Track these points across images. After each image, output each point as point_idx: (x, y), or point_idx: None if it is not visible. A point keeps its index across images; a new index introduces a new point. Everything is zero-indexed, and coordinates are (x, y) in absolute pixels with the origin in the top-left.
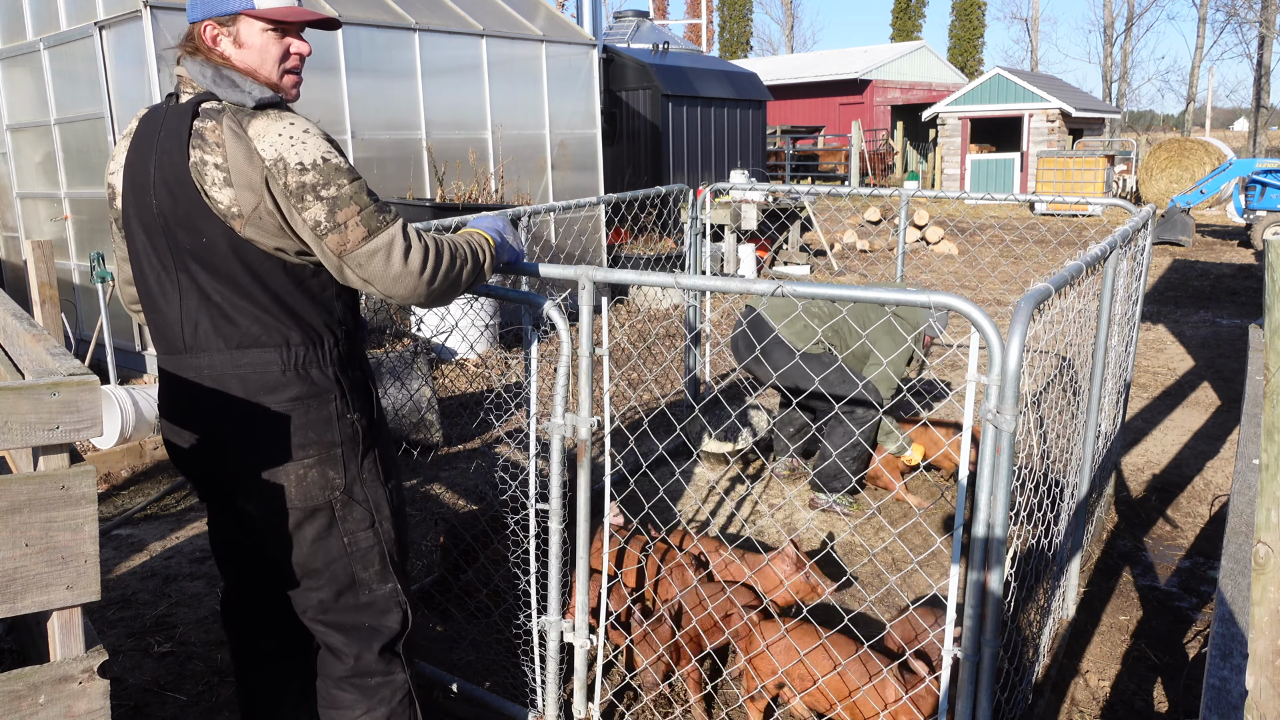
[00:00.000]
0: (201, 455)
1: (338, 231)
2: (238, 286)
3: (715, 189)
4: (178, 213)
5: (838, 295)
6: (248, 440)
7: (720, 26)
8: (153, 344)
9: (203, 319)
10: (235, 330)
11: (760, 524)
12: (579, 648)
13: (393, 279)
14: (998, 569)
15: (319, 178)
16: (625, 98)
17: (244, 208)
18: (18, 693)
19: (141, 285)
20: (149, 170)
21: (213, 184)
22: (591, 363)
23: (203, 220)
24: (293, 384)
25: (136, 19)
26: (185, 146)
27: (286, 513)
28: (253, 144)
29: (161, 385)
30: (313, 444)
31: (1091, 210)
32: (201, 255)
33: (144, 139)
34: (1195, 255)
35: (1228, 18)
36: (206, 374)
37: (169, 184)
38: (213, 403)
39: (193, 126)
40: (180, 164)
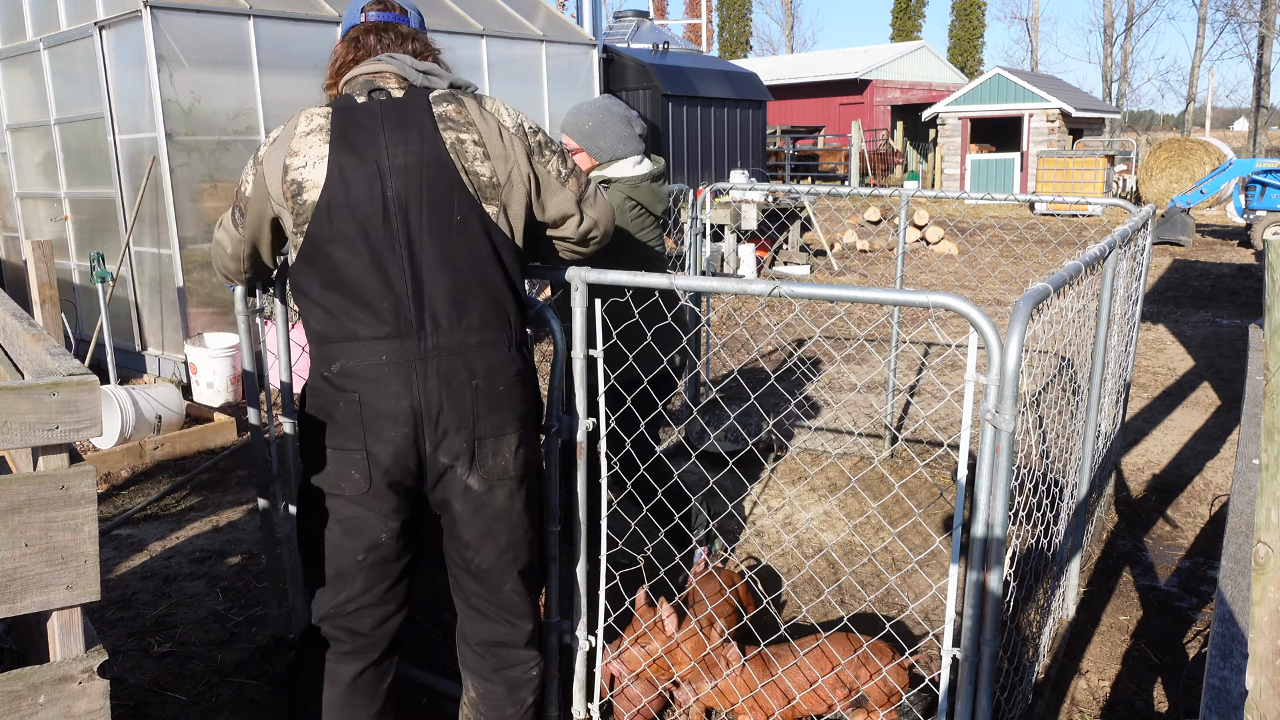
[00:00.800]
0: (422, 437)
1: (575, 177)
2: (478, 267)
3: (715, 189)
4: (429, 195)
5: (838, 296)
6: (480, 415)
7: (720, 26)
8: (355, 333)
9: (433, 300)
10: (470, 310)
11: (761, 524)
12: (578, 649)
13: (606, 210)
14: (997, 569)
15: (544, 138)
16: (625, 98)
17: (502, 176)
18: (18, 693)
19: (347, 270)
20: (377, 161)
21: (474, 159)
22: (586, 364)
23: (460, 200)
24: (515, 361)
25: (136, 19)
26: (436, 131)
27: (505, 482)
28: (497, 116)
29: (365, 377)
30: (528, 416)
31: (1091, 210)
32: (451, 235)
33: (356, 132)
34: (1195, 255)
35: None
36: (436, 354)
37: (417, 167)
38: (446, 382)
39: (435, 112)
40: (434, 147)
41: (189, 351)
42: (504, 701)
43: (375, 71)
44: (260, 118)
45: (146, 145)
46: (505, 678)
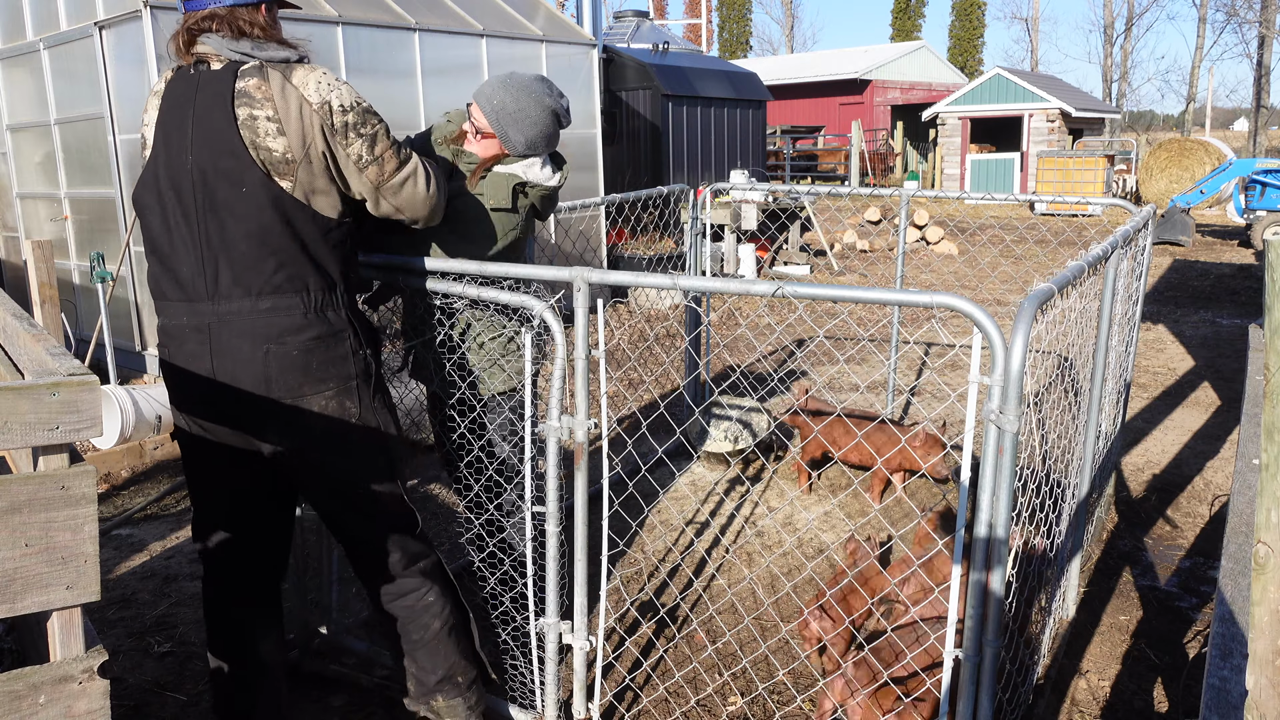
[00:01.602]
0: (225, 397)
1: (376, 164)
2: (267, 235)
3: (715, 189)
4: (219, 166)
5: (840, 296)
6: (274, 378)
7: (720, 26)
8: (165, 293)
9: (224, 269)
10: (258, 278)
11: (761, 525)
12: (578, 649)
13: (420, 202)
14: (999, 569)
15: (357, 118)
16: (625, 98)
17: (296, 152)
18: (18, 693)
19: (160, 238)
20: (185, 129)
21: (266, 134)
22: (587, 364)
23: (246, 171)
24: (313, 325)
25: (136, 19)
26: (230, 105)
27: (312, 440)
28: (300, 91)
29: (173, 333)
30: (332, 377)
31: (1091, 210)
32: (237, 206)
33: (178, 100)
34: (1195, 255)
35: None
36: (230, 320)
37: (211, 140)
38: (238, 346)
39: (235, 88)
40: (225, 122)
41: None
42: (408, 627)
43: (201, 53)
44: None
45: None
46: (400, 607)
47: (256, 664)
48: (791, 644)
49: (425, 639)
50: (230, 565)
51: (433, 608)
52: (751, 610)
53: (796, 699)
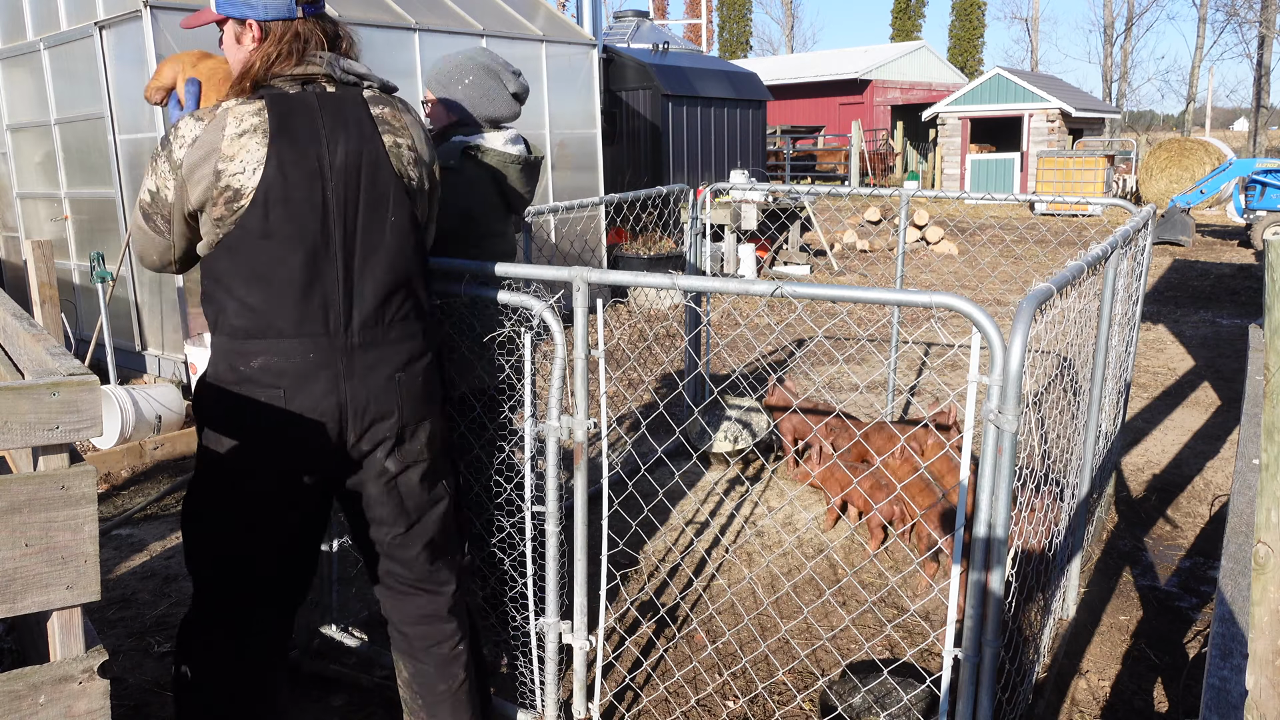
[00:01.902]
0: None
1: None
2: (404, 266)
3: (715, 189)
4: (366, 197)
5: (840, 296)
6: (404, 405)
7: (720, 26)
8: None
9: (361, 297)
10: (393, 306)
11: (761, 525)
12: (578, 649)
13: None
14: (999, 569)
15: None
16: (625, 98)
17: (426, 181)
18: (18, 693)
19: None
20: (320, 155)
21: (408, 163)
22: (587, 364)
23: (396, 203)
24: (428, 351)
25: (136, 19)
26: (376, 132)
27: (419, 464)
28: (421, 124)
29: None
30: (438, 401)
31: (1091, 210)
32: (382, 237)
33: (296, 124)
34: (1195, 255)
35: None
36: (362, 349)
37: (359, 168)
38: (369, 376)
39: (372, 113)
40: (374, 147)
41: (189, 351)
42: (434, 680)
43: (307, 72)
44: None
45: (146, 145)
46: (434, 655)
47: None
48: (791, 643)
49: (452, 690)
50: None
51: (462, 657)
52: (751, 610)
53: (796, 698)
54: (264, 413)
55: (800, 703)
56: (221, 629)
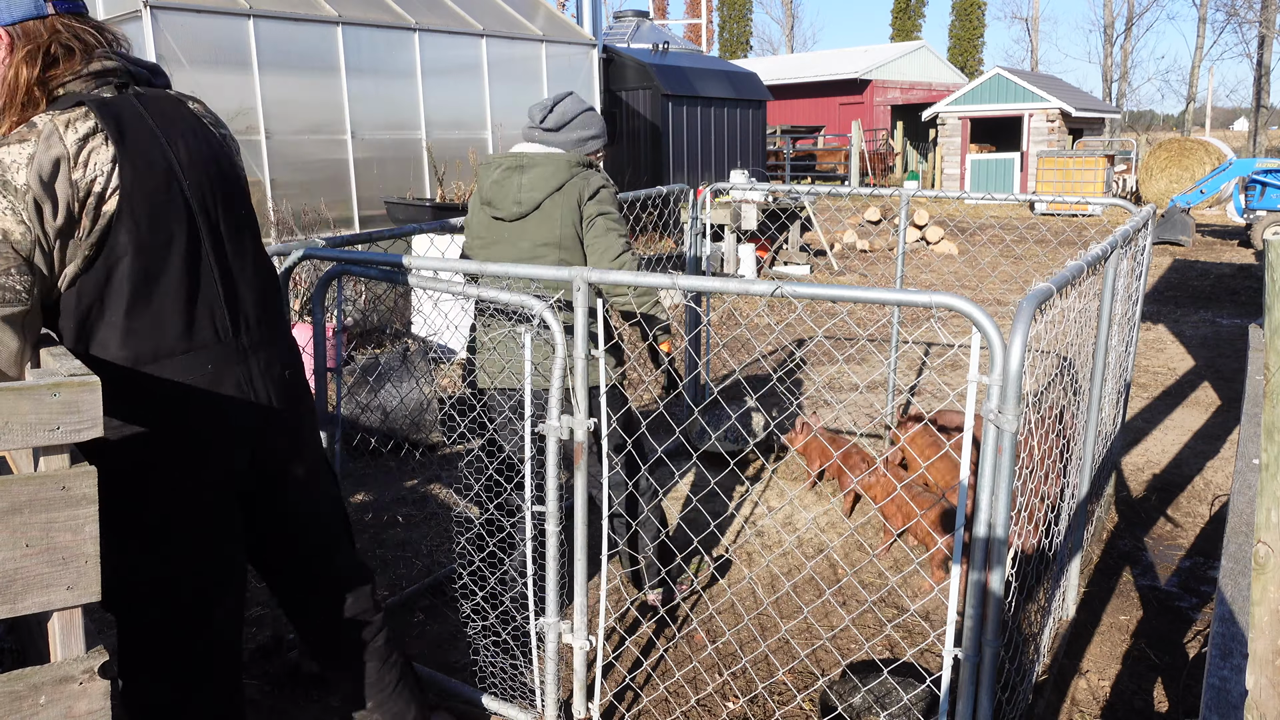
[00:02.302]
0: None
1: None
2: (264, 262)
3: (715, 189)
4: (222, 191)
5: (840, 296)
6: (294, 402)
7: (720, 26)
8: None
9: (247, 299)
10: (269, 305)
11: (761, 525)
12: (578, 649)
13: None
14: (999, 569)
15: None
16: (625, 98)
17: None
18: (18, 693)
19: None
20: (166, 156)
21: (236, 154)
22: (587, 364)
23: (240, 196)
24: (296, 349)
25: (136, 19)
26: (205, 126)
27: (320, 469)
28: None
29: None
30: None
31: (1091, 210)
32: (242, 234)
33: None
34: (1195, 255)
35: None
36: (261, 349)
37: (204, 164)
38: (272, 374)
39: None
40: (211, 142)
41: None
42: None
43: (104, 67)
44: (260, 117)
45: None
46: (374, 650)
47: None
48: (791, 643)
49: (396, 679)
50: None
51: (393, 641)
52: (751, 610)
53: (796, 698)
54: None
55: (800, 703)
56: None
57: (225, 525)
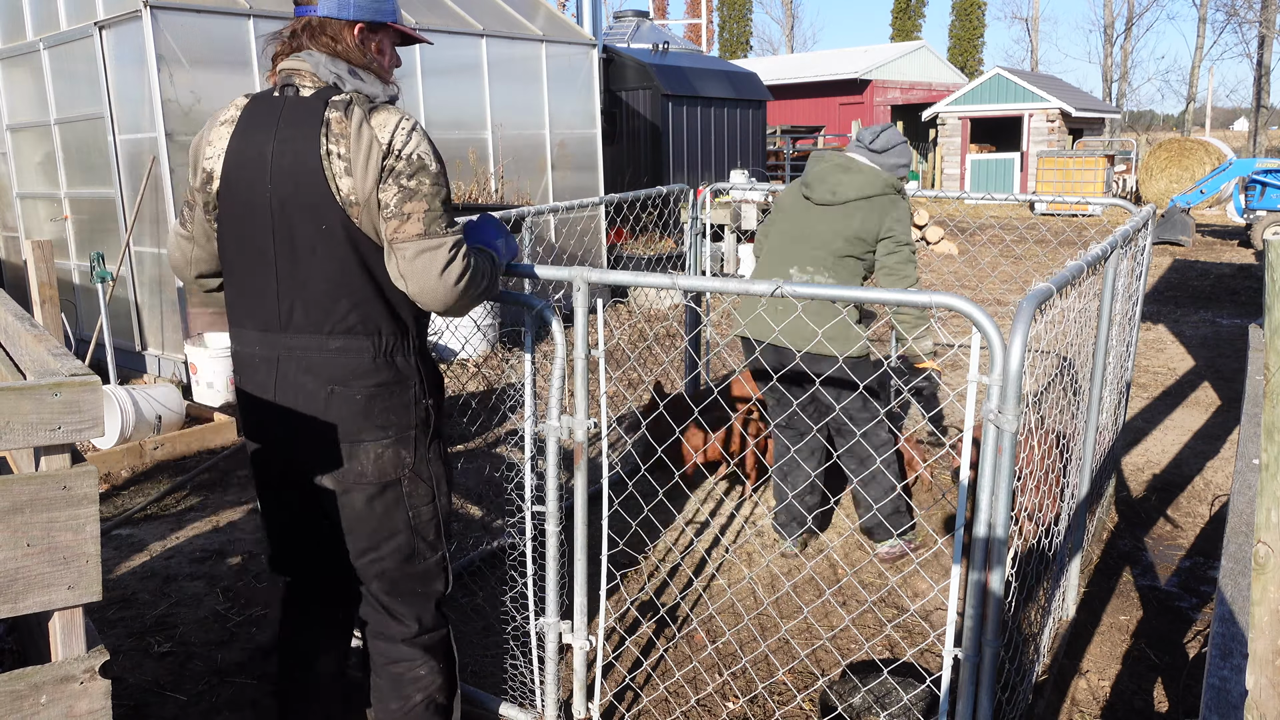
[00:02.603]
0: (285, 429)
1: (398, 219)
2: (344, 275)
3: (715, 189)
4: (299, 199)
5: (840, 295)
6: (334, 420)
7: (720, 26)
8: (240, 320)
9: (299, 303)
10: (330, 317)
11: (761, 525)
12: (578, 649)
13: (426, 282)
14: (999, 569)
15: (407, 167)
16: (625, 98)
17: (360, 194)
18: (19, 693)
19: (237, 264)
20: (265, 158)
21: (337, 174)
22: (587, 364)
23: (326, 208)
24: (381, 370)
25: (136, 19)
26: (318, 137)
27: (363, 486)
28: (375, 132)
29: (245, 360)
30: (392, 426)
31: (1091, 210)
32: (315, 243)
33: (256, 126)
34: (1195, 255)
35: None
36: (299, 355)
37: (294, 172)
38: (303, 382)
39: (325, 118)
40: (311, 154)
41: (189, 351)
42: (387, 695)
43: (293, 69)
44: None
45: (146, 145)
46: (388, 672)
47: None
48: (791, 643)
49: (403, 709)
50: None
51: (420, 681)
52: (751, 610)
53: (796, 698)
54: (237, 394)
55: (800, 703)
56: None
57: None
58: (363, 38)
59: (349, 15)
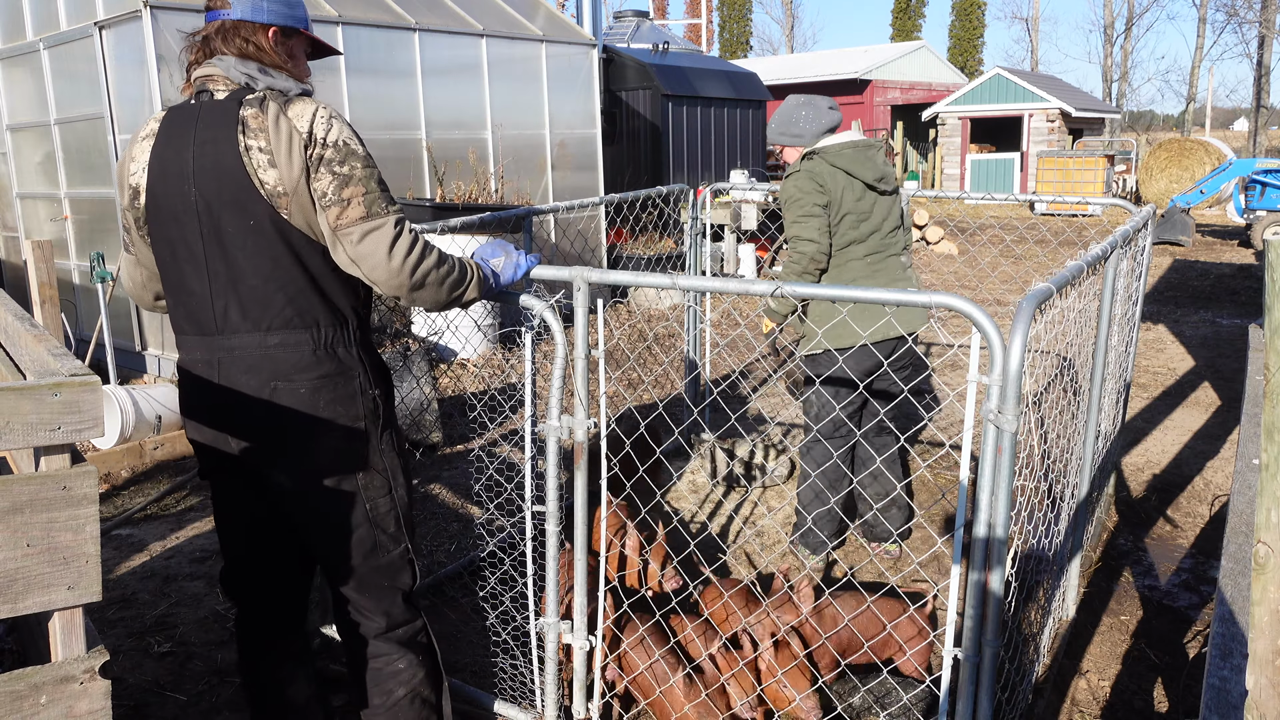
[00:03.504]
0: (232, 432)
1: (338, 205)
2: (276, 269)
3: (715, 189)
4: (224, 197)
5: (840, 296)
6: (281, 416)
7: (720, 26)
8: (181, 328)
9: (233, 303)
10: (267, 313)
11: (761, 525)
12: (578, 649)
13: (377, 262)
14: (999, 569)
15: (336, 154)
16: (625, 98)
17: (287, 185)
18: (19, 693)
19: (171, 272)
20: (185, 161)
21: (259, 167)
22: (587, 364)
23: (252, 203)
24: (322, 363)
25: (136, 19)
26: (235, 134)
27: (316, 482)
28: (293, 123)
29: (187, 367)
30: (340, 418)
31: (1091, 210)
32: (245, 239)
33: (175, 134)
34: (1195, 255)
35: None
36: (239, 354)
37: (216, 171)
38: (245, 381)
39: (239, 115)
40: (230, 151)
41: None
42: (370, 691)
43: (206, 75)
44: None
45: None
46: (369, 668)
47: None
48: None
49: (386, 705)
50: (254, 602)
51: (400, 675)
52: None
53: (796, 698)
54: (182, 405)
55: (800, 702)
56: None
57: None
58: (276, 41)
59: (263, 19)
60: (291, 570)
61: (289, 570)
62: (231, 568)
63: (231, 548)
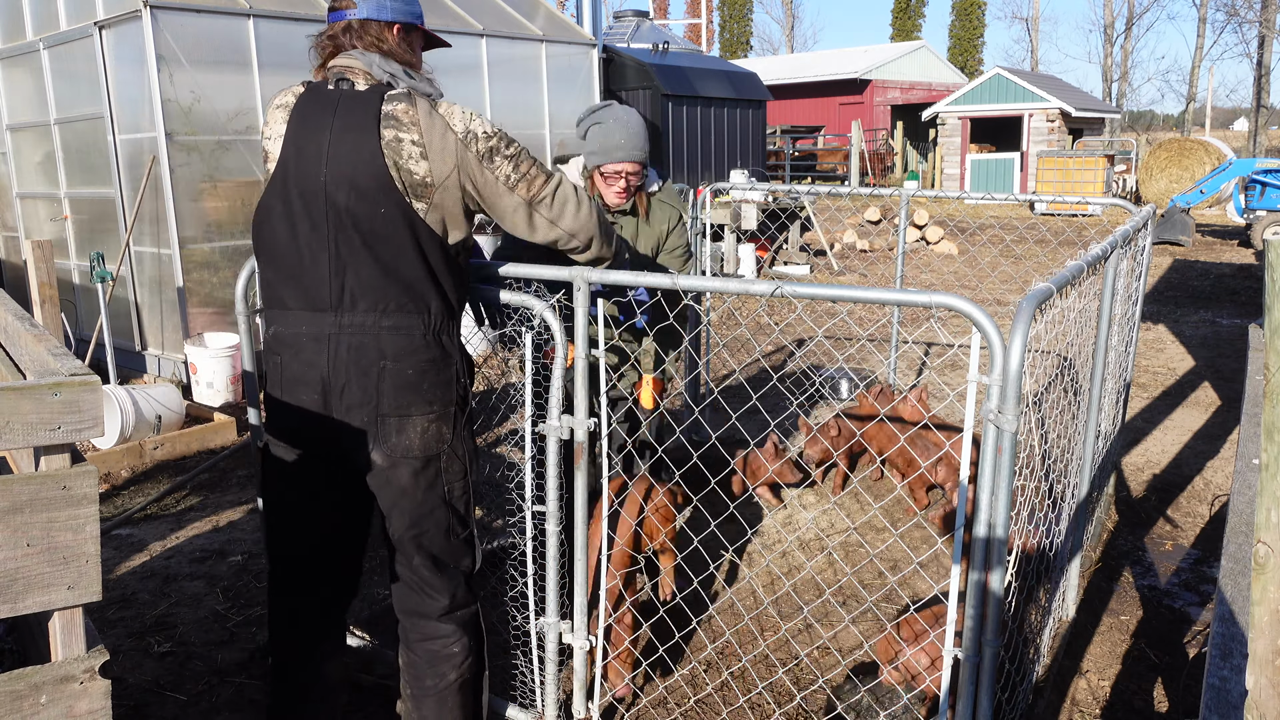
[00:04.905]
0: (329, 408)
1: (525, 181)
2: (399, 257)
3: (715, 189)
4: (358, 184)
5: (840, 296)
6: (385, 394)
7: (720, 26)
8: (284, 302)
9: (353, 283)
10: (385, 296)
11: (761, 525)
12: (578, 648)
13: (575, 212)
14: (999, 569)
15: (499, 143)
16: (625, 98)
17: (437, 177)
18: (19, 693)
19: (286, 246)
20: (321, 143)
21: (409, 158)
22: (587, 364)
23: (385, 193)
24: (430, 348)
25: (136, 19)
26: (375, 126)
27: (409, 460)
28: (447, 120)
29: (288, 341)
30: (436, 401)
31: (1091, 210)
32: (372, 226)
33: (311, 115)
34: (1195, 255)
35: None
36: (352, 333)
37: (353, 159)
38: (355, 359)
39: (382, 110)
40: (369, 142)
41: (189, 351)
42: (423, 672)
43: (346, 66)
44: (260, 118)
45: (146, 145)
46: (424, 649)
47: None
48: (792, 643)
49: (438, 687)
50: (305, 583)
51: (455, 658)
52: (751, 610)
53: (796, 698)
54: (272, 377)
55: (800, 702)
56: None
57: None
58: (399, 37)
59: (387, 16)
60: (355, 562)
61: (353, 561)
62: (288, 566)
63: (291, 543)
